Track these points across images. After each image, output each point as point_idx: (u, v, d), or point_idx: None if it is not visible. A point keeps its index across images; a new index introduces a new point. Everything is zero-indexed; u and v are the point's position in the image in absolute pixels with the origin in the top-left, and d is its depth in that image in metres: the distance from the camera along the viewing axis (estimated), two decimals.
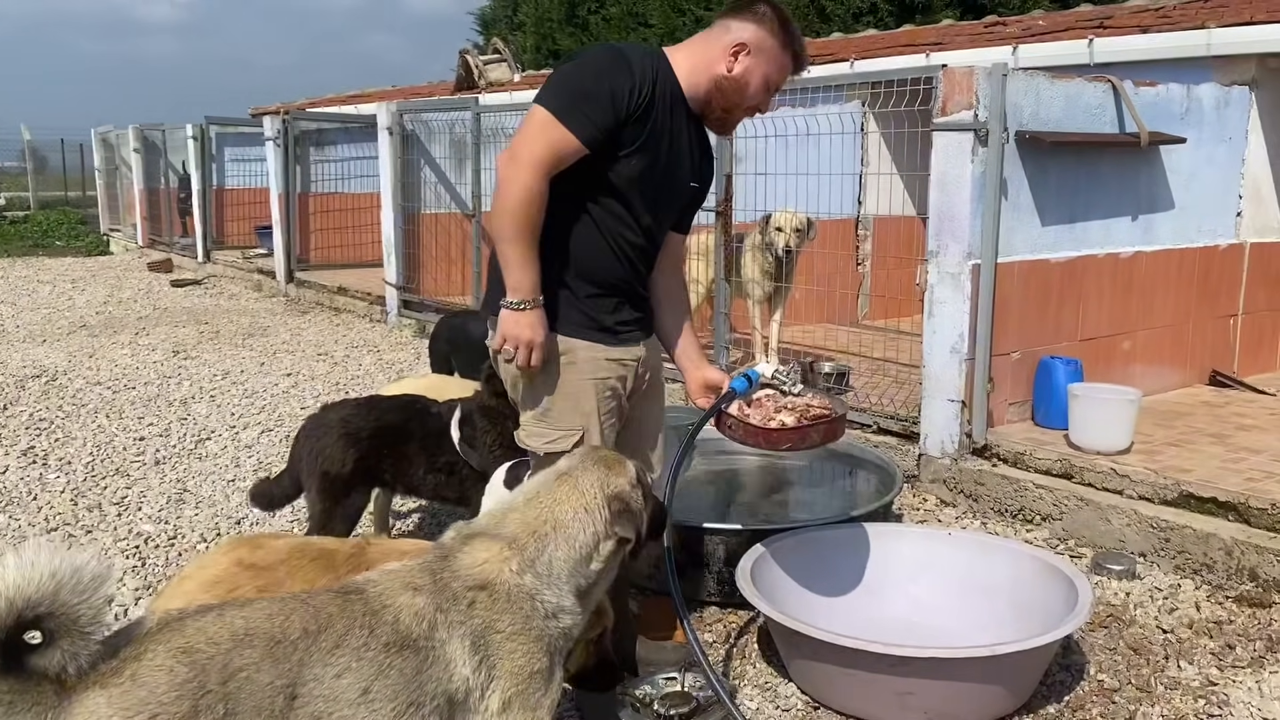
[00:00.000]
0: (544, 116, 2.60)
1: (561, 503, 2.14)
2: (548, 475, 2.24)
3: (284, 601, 1.86)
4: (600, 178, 2.68)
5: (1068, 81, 5.03)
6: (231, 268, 13.33)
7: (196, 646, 1.69)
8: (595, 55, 2.74)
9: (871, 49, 8.77)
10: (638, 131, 2.66)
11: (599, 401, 2.82)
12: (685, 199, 2.94)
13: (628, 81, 2.63)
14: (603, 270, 2.77)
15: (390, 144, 9.38)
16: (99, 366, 7.87)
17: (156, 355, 8.30)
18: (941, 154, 4.73)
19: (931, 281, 4.84)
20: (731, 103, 2.80)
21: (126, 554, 4.28)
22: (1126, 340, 5.59)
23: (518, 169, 2.59)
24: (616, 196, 2.73)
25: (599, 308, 2.81)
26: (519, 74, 13.21)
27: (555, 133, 2.59)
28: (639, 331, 2.92)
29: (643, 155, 2.69)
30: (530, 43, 20.37)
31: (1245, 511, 3.98)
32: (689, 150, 2.85)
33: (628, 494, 2.17)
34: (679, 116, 2.78)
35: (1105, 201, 5.31)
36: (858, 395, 5.65)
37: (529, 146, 2.59)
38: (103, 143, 19.01)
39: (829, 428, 2.99)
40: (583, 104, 2.59)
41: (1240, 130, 6.03)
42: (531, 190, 2.59)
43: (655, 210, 2.82)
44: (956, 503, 4.79)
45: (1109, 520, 4.25)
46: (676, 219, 2.97)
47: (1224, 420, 5.25)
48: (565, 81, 2.66)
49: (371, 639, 1.84)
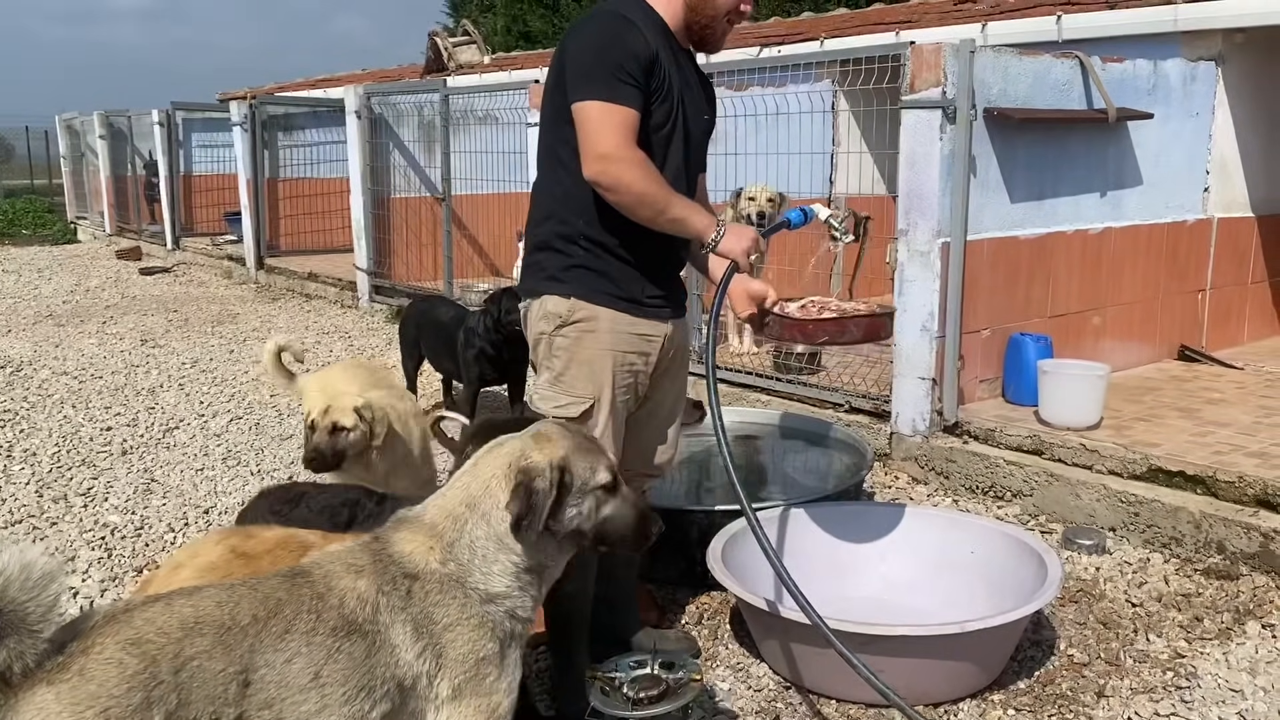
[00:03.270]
0: (598, 108, 2.61)
1: (477, 478, 2.02)
2: (481, 450, 2.12)
3: (232, 588, 1.83)
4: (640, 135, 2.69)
5: (1035, 58, 5.02)
6: (201, 255, 13.18)
7: (146, 637, 1.65)
8: (598, 27, 2.72)
9: (842, 27, 8.74)
10: (658, 80, 2.69)
11: (615, 373, 2.81)
12: (703, 130, 2.97)
13: (639, 38, 2.66)
14: (634, 234, 2.76)
15: (358, 128, 9.28)
16: (65, 356, 7.76)
17: (124, 344, 8.20)
18: (910, 132, 4.71)
19: (901, 260, 4.84)
20: (707, 16, 2.81)
21: (92, 545, 4.22)
22: (1096, 316, 5.61)
23: (610, 162, 2.60)
24: (652, 149, 2.73)
25: (627, 276, 2.81)
26: (489, 56, 13.11)
27: (616, 115, 2.61)
28: (669, 308, 2.92)
29: (665, 100, 2.72)
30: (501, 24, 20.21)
31: (1213, 485, 4.01)
32: (693, 82, 2.88)
33: (536, 468, 1.97)
34: (675, 55, 2.81)
35: (1074, 178, 5.32)
36: (829, 375, 5.66)
37: (605, 141, 2.60)
38: (68, 130, 18.73)
39: (870, 323, 2.96)
40: (620, 75, 2.61)
41: (1207, 105, 6.05)
42: (635, 163, 2.61)
43: (686, 150, 2.85)
44: (928, 480, 4.80)
45: (1079, 495, 4.27)
46: (700, 156, 3.00)
47: (1192, 395, 5.29)
48: (591, 65, 2.65)
49: (319, 624, 1.80)
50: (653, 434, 3.07)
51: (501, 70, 11.93)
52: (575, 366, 2.81)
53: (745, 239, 2.74)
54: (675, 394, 3.10)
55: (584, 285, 2.79)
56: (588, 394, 2.81)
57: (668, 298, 2.92)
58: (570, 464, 2.02)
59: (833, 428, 4.74)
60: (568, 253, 2.80)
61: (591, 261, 2.78)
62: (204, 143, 14.27)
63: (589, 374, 2.81)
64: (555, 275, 2.82)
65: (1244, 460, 4.15)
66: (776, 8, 14.64)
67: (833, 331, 2.92)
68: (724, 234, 2.71)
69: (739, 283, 2.90)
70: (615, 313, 2.80)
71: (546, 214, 2.84)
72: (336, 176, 10.97)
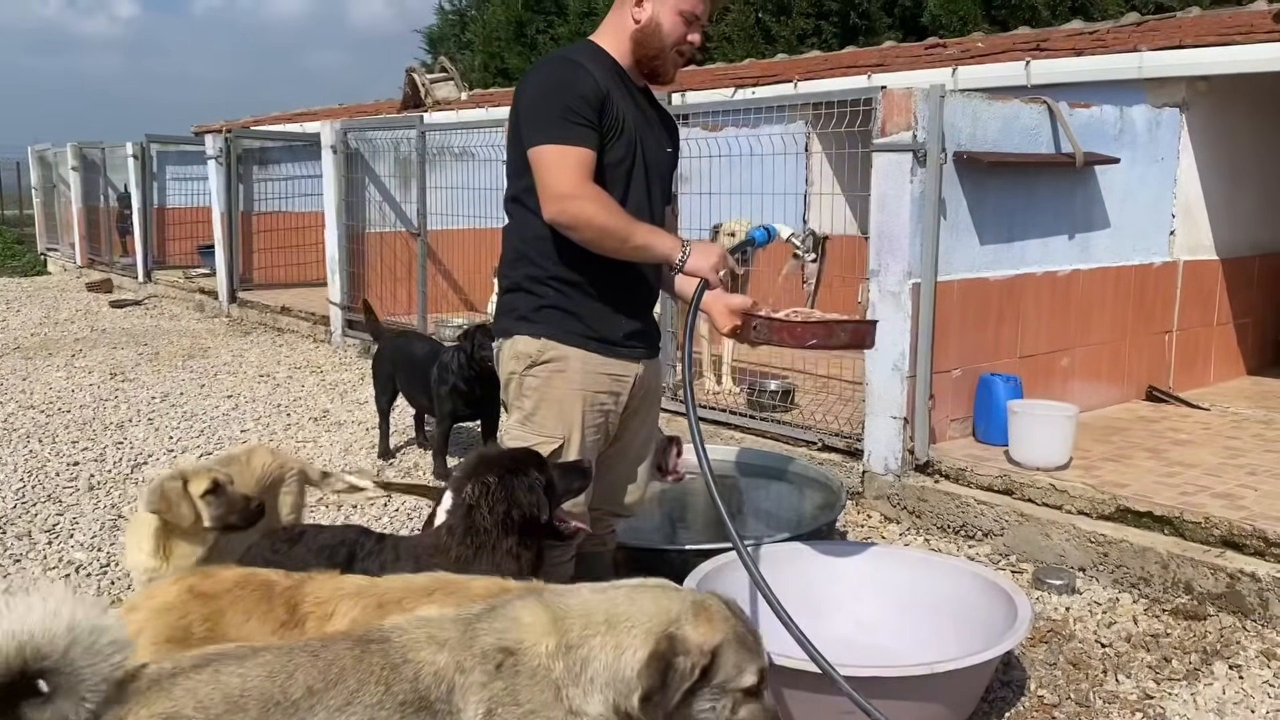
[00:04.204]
0: (552, 151, 2.66)
1: (632, 606, 1.83)
2: (649, 581, 1.95)
3: (290, 654, 1.70)
4: (596, 175, 2.72)
5: (1004, 103, 5.12)
6: (173, 288, 13.10)
7: (182, 713, 1.56)
8: (549, 72, 2.77)
9: (815, 70, 8.86)
10: (611, 117, 2.73)
11: (585, 412, 2.83)
12: (665, 163, 3.00)
13: (587, 79, 2.71)
14: (604, 273, 2.79)
15: (334, 162, 9.29)
16: (32, 390, 7.67)
17: (93, 378, 8.12)
18: (881, 174, 4.78)
19: (873, 300, 4.88)
20: (654, 49, 2.84)
21: (57, 583, 4.16)
22: (1065, 357, 5.68)
23: (568, 201, 2.64)
24: (612, 187, 2.77)
25: (598, 316, 2.83)
26: (466, 92, 13.19)
27: (570, 156, 2.65)
28: (641, 348, 2.94)
29: (621, 136, 2.77)
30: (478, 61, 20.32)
31: (1180, 525, 4.05)
32: (651, 117, 2.93)
33: (683, 645, 1.77)
34: (630, 91, 2.85)
35: (1042, 221, 5.40)
36: (803, 413, 5.68)
37: (561, 181, 2.64)
38: (40, 161, 18.61)
39: (856, 328, 2.98)
40: (570, 117, 2.66)
41: (1172, 151, 6.17)
42: (593, 198, 2.65)
43: (648, 183, 2.88)
44: (900, 519, 4.81)
45: (1049, 535, 4.30)
46: (666, 189, 3.04)
47: (1160, 435, 5.35)
48: (542, 111, 2.70)
49: (387, 696, 1.67)
50: (623, 473, 3.08)
51: (479, 107, 11.99)
52: (545, 406, 2.83)
53: (712, 255, 2.76)
54: (645, 433, 3.11)
55: (555, 325, 2.81)
56: (558, 434, 2.83)
57: (640, 337, 2.94)
58: (721, 654, 1.82)
59: (806, 466, 4.76)
60: (539, 294, 2.82)
61: (562, 302, 2.81)
62: (178, 175, 14.22)
63: (559, 413, 2.82)
64: (526, 315, 2.84)
65: (1210, 501, 4.19)
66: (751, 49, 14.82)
67: (821, 334, 2.92)
68: (690, 253, 2.73)
69: (717, 299, 2.89)
70: (586, 353, 2.82)
71: (517, 257, 2.87)
72: (311, 210, 10.97)
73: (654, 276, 2.97)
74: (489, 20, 20.31)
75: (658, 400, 3.14)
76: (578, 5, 18.55)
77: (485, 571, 2.51)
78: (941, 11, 13.50)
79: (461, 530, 2.55)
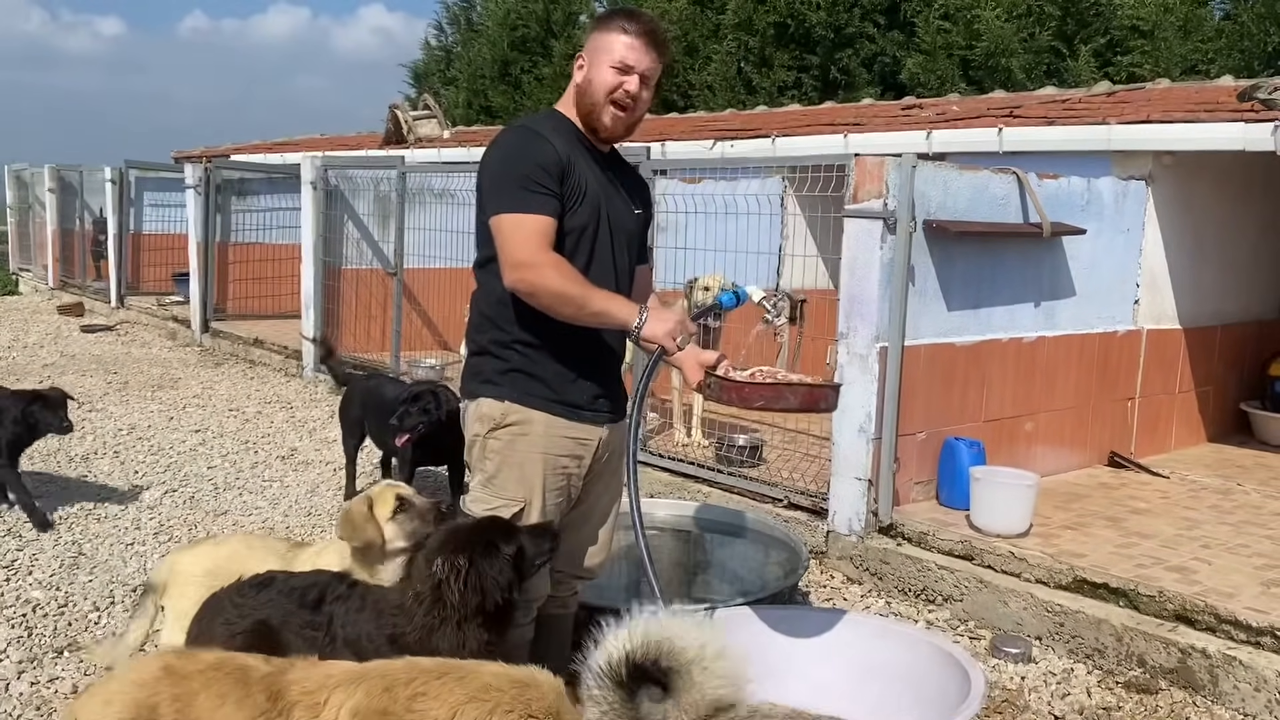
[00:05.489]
0: (510, 220, 2.71)
1: None
2: None
3: None
4: (558, 242, 2.76)
5: (975, 173, 5.23)
6: (145, 314, 13.03)
7: None
8: (510, 142, 2.83)
9: (793, 125, 9.01)
10: (571, 186, 2.77)
11: (546, 475, 2.86)
12: (634, 226, 3.03)
13: (545, 148, 2.75)
14: (569, 337, 2.82)
15: (313, 198, 9.32)
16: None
17: None
18: (852, 239, 4.86)
19: (841, 362, 4.95)
20: (589, 103, 2.85)
21: (13, 623, 4.12)
22: (1029, 421, 5.76)
23: (525, 269, 2.67)
24: (576, 252, 2.81)
25: (562, 380, 2.87)
26: (449, 130, 13.26)
27: (527, 224, 2.69)
28: (605, 413, 2.97)
29: (584, 203, 2.80)
30: (463, 98, 20.44)
31: (1135, 598, 4.11)
32: (614, 181, 2.96)
33: None
34: (593, 155, 2.90)
35: (1009, 288, 5.50)
36: (770, 469, 5.73)
37: (519, 249, 2.68)
38: (17, 180, 18.54)
39: (808, 392, 2.88)
40: (530, 186, 2.70)
41: (1138, 222, 6.31)
42: (549, 265, 2.67)
43: (613, 245, 2.91)
44: (863, 580, 4.85)
45: (1007, 603, 4.35)
46: (636, 251, 3.06)
47: (1119, 503, 5.43)
48: (503, 180, 2.75)
49: None
50: (585, 536, 3.11)
51: (461, 145, 12.07)
52: (507, 469, 2.86)
53: (668, 322, 2.76)
54: (609, 497, 3.14)
55: (518, 389, 2.85)
56: (519, 496, 2.85)
57: (605, 400, 2.97)
58: None
59: (771, 524, 4.79)
60: (504, 357, 2.86)
61: (527, 365, 2.85)
62: (156, 201, 14.18)
63: (520, 476, 2.85)
64: (491, 379, 2.88)
65: (1165, 574, 4.26)
66: (732, 99, 15.02)
67: (768, 396, 2.86)
68: (646, 319, 2.73)
69: (689, 353, 2.86)
70: (550, 416, 2.86)
71: (482, 321, 2.92)
72: (287, 243, 10.97)
73: (618, 341, 3.00)
74: (474, 58, 20.45)
75: (621, 463, 3.17)
76: (563, 47, 18.73)
77: (449, 642, 2.52)
78: (920, 70, 13.74)
79: (429, 601, 2.56)
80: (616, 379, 3.06)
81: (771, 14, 14.97)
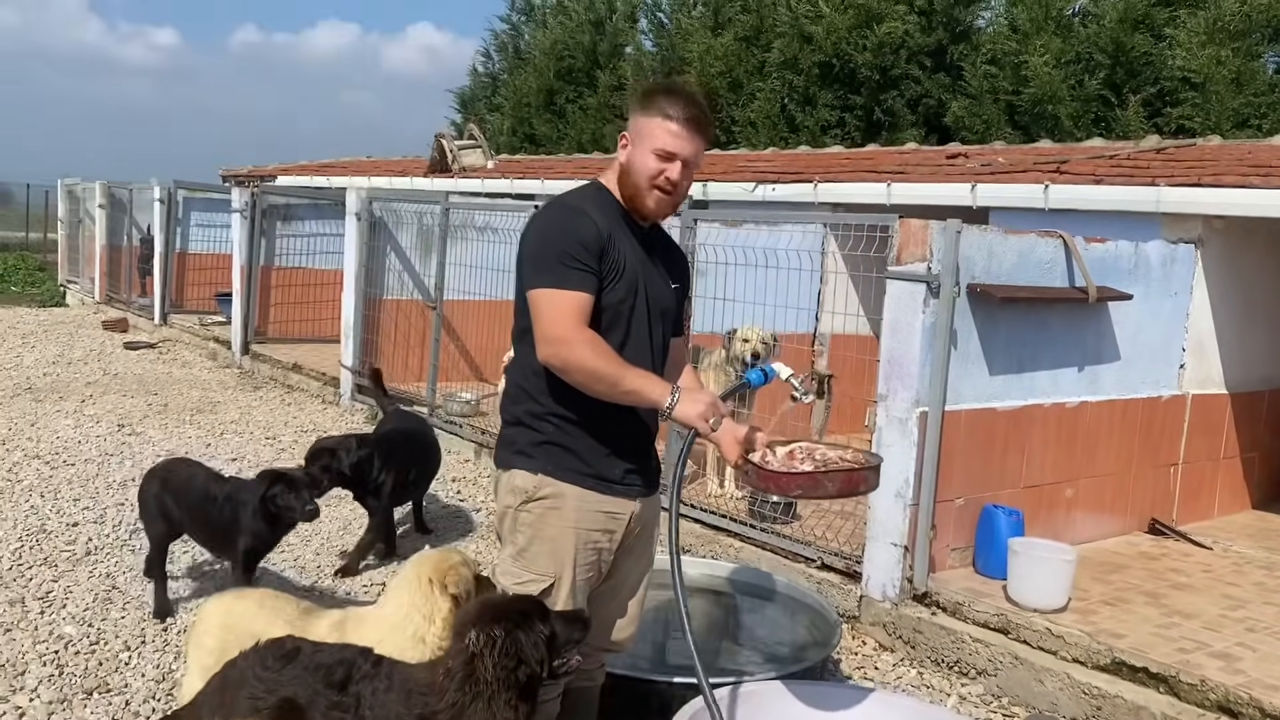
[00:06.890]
0: (547, 295, 2.71)
1: None
2: None
3: None
4: (595, 317, 2.75)
5: (1020, 237, 5.17)
6: (187, 333, 13.20)
7: None
8: (550, 218, 2.82)
9: (835, 169, 8.98)
10: (610, 262, 2.77)
11: (578, 550, 2.84)
12: (670, 301, 3.01)
13: (587, 225, 2.75)
14: (603, 412, 2.80)
15: (357, 229, 9.40)
16: (39, 437, 7.71)
17: (101, 428, 8.15)
18: (894, 301, 4.82)
19: (880, 425, 4.90)
20: (631, 187, 2.85)
21: (44, 659, 4.15)
22: (1069, 488, 5.66)
23: (560, 345, 2.68)
24: (613, 328, 2.80)
25: (596, 454, 2.85)
26: (492, 160, 13.37)
27: (564, 300, 2.69)
28: (638, 486, 2.94)
29: (622, 280, 2.80)
30: (508, 125, 20.63)
31: (1175, 685, 4.01)
32: (653, 257, 2.95)
33: None
34: (633, 230, 2.89)
35: (1053, 353, 5.43)
36: (804, 526, 5.66)
37: (554, 325, 2.69)
38: (69, 194, 18.89)
39: (847, 476, 2.85)
40: (569, 263, 2.70)
41: (1185, 286, 6.21)
42: (584, 342, 2.67)
43: (649, 324, 2.89)
44: (895, 648, 4.78)
45: (1043, 682, 4.26)
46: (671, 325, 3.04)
47: (1159, 576, 5.31)
48: (542, 255, 2.75)
49: None
50: (614, 610, 3.08)
51: (504, 177, 12.17)
52: (538, 543, 2.84)
53: (700, 404, 2.74)
54: (640, 570, 3.11)
55: (552, 461, 2.83)
56: (549, 572, 2.83)
57: (638, 475, 2.95)
58: None
59: (804, 591, 4.73)
60: (538, 429, 2.85)
61: (561, 438, 2.83)
62: (202, 222, 14.40)
63: (551, 551, 2.83)
64: (524, 450, 2.87)
65: (1207, 661, 4.15)
66: (775, 137, 15.02)
67: (806, 485, 2.85)
68: (679, 400, 2.72)
69: (727, 430, 2.84)
70: (583, 490, 2.84)
71: (518, 392, 2.91)
72: (330, 268, 11.08)
73: (652, 415, 2.98)
74: (520, 86, 20.63)
75: (653, 537, 3.14)
76: (607, 78, 18.86)
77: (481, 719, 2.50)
78: (965, 114, 13.67)
79: (461, 677, 2.53)
80: (650, 452, 3.04)
81: (817, 53, 14.97)
